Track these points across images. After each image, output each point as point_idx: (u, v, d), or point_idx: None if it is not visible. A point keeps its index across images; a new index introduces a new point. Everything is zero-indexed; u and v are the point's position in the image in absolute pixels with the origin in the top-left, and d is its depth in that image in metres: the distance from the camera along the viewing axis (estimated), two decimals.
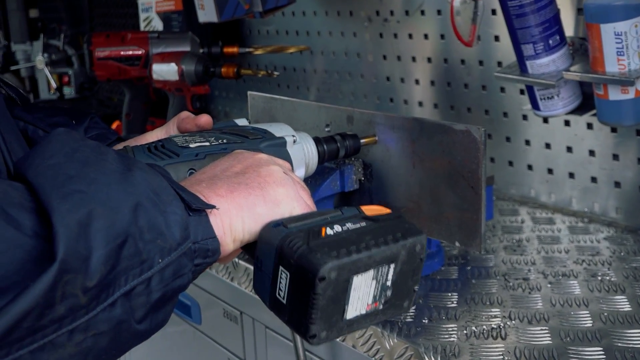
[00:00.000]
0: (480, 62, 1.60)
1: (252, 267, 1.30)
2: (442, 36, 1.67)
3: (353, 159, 1.15)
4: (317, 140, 1.02)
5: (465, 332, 1.02)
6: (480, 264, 1.26)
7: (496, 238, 1.37)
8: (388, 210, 0.73)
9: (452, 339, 1.00)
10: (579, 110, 1.36)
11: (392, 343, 1.02)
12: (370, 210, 0.73)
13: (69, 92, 3.12)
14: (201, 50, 1.78)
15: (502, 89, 1.57)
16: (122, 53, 1.76)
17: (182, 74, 1.66)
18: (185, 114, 0.97)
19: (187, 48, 1.76)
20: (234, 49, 1.79)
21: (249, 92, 1.37)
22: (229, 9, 1.84)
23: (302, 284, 0.64)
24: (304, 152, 0.97)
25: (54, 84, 3.07)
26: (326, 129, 1.21)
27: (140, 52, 1.76)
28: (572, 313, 1.06)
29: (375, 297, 0.69)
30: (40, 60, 3.07)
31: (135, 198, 0.60)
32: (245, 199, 0.70)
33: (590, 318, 1.04)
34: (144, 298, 0.60)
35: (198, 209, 0.65)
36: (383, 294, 0.69)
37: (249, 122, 0.95)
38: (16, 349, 0.53)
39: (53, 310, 0.54)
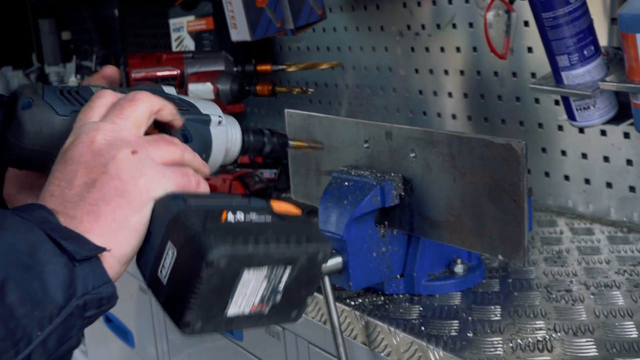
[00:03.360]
0: (514, 74, 1.60)
1: None
2: (475, 49, 1.68)
3: (393, 174, 1.16)
4: (245, 130, 0.94)
5: (511, 345, 1.02)
6: (521, 276, 1.26)
7: (536, 250, 1.37)
8: (299, 212, 0.70)
9: (498, 352, 1.00)
10: (615, 120, 1.36)
11: (438, 357, 1.02)
12: (280, 207, 0.69)
13: None
14: (235, 69, 1.80)
15: (537, 100, 1.58)
16: (158, 74, 1.78)
17: (217, 93, 1.68)
18: (106, 69, 0.91)
19: (222, 67, 1.77)
20: (267, 67, 1.81)
21: (286, 110, 1.38)
22: (262, 27, 1.85)
23: (188, 265, 0.59)
24: (228, 136, 0.90)
25: None
26: (365, 145, 1.22)
27: (175, 73, 1.78)
28: (616, 324, 1.06)
29: (263, 299, 0.64)
30: (73, 82, 3.12)
31: (1, 273, 0.55)
32: (113, 219, 0.63)
33: (635, 329, 1.04)
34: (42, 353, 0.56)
35: (85, 258, 0.59)
36: (272, 297, 0.64)
37: (177, 93, 0.86)
38: None
39: None
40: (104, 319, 2.44)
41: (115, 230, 0.63)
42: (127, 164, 0.64)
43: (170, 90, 0.85)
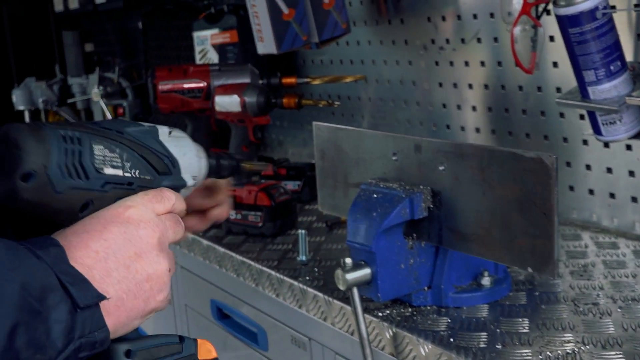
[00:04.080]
0: (539, 88, 1.62)
1: (321, 295, 1.33)
2: (499, 63, 1.69)
3: (422, 186, 1.18)
4: (210, 155, 0.93)
5: (540, 357, 1.03)
6: (548, 290, 1.27)
7: (561, 263, 1.38)
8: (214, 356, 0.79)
9: None
10: None
11: None
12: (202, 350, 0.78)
13: None
14: (260, 82, 1.82)
15: (562, 115, 1.59)
16: (184, 86, 1.81)
17: (244, 106, 1.70)
18: None
19: (248, 80, 1.80)
20: (293, 80, 1.83)
21: (314, 123, 1.40)
22: (288, 41, 1.88)
23: None
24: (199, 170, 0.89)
25: (109, 116, 3.14)
26: (393, 158, 1.24)
27: (202, 85, 1.81)
28: None
29: None
30: (96, 93, 3.15)
31: (13, 319, 0.59)
32: (132, 307, 0.70)
33: None
34: None
35: (87, 305, 0.64)
36: None
37: (169, 133, 0.83)
38: None
39: None
40: None
41: (130, 311, 0.70)
42: (162, 281, 0.73)
43: (164, 131, 0.83)
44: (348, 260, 1.17)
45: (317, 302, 1.35)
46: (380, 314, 1.21)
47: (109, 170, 0.75)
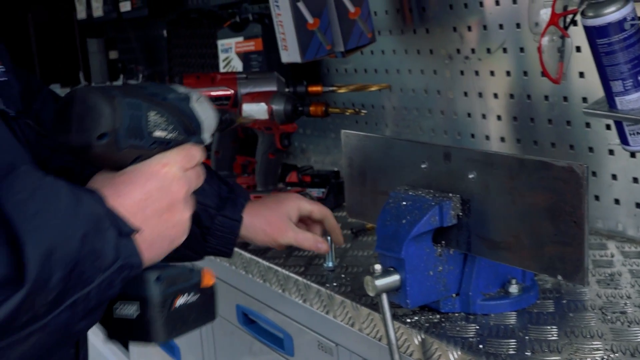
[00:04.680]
0: (565, 98, 1.63)
1: (349, 301, 1.34)
2: (525, 73, 1.70)
3: (451, 194, 1.19)
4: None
5: None
6: (575, 298, 1.27)
7: (588, 272, 1.39)
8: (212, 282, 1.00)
9: None
10: None
11: None
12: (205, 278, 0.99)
13: None
14: (287, 90, 1.85)
15: (587, 124, 1.59)
16: (212, 93, 1.83)
17: (271, 113, 1.72)
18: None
19: (274, 88, 1.82)
20: (319, 88, 1.85)
21: (342, 131, 1.42)
22: (312, 50, 1.89)
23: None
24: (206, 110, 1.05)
25: None
26: (422, 166, 1.25)
27: (229, 93, 1.83)
28: None
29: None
30: None
31: (83, 230, 0.77)
32: (158, 231, 0.88)
33: None
34: (84, 306, 0.78)
35: (127, 233, 0.82)
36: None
37: (197, 100, 0.99)
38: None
39: (19, 319, 0.72)
40: None
41: (156, 237, 0.89)
42: (185, 218, 0.92)
43: (193, 99, 0.99)
44: (377, 267, 1.19)
45: (344, 308, 1.36)
46: (408, 320, 1.22)
47: (157, 133, 0.92)
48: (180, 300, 0.96)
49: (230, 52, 2.52)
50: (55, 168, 1.10)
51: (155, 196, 0.87)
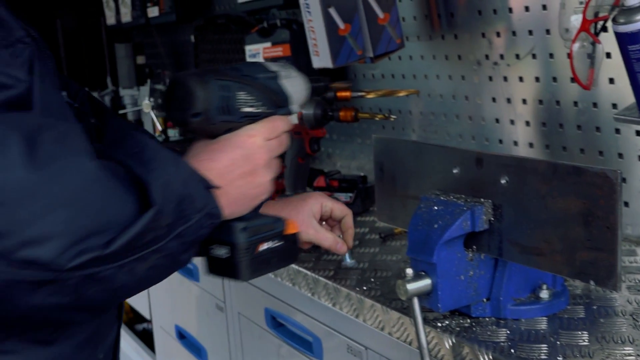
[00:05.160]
0: (594, 104, 1.63)
1: (379, 305, 1.35)
2: (555, 79, 1.70)
3: (483, 199, 1.20)
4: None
5: None
6: (605, 304, 1.28)
7: (620, 277, 1.39)
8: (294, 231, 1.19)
9: None
10: None
11: None
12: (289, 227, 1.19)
13: (173, 134, 3.25)
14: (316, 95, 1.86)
15: (617, 131, 1.60)
16: None
17: (301, 118, 1.74)
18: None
19: None
20: (347, 93, 1.86)
21: (373, 135, 1.43)
22: (343, 55, 1.91)
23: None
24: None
25: (159, 127, 3.20)
26: (454, 171, 1.26)
27: None
28: None
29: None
30: (146, 104, 3.22)
31: (183, 176, 0.97)
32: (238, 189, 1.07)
33: None
34: (185, 239, 0.97)
35: (211, 187, 1.00)
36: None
37: (286, 76, 1.17)
38: (127, 257, 0.90)
39: (146, 237, 0.91)
40: (177, 335, 2.50)
41: (236, 197, 1.08)
42: (267, 184, 1.12)
43: (282, 76, 1.16)
44: (409, 271, 1.20)
45: (374, 312, 1.37)
46: (439, 325, 1.23)
47: (246, 109, 1.11)
48: (264, 246, 1.16)
49: (258, 57, 2.53)
50: None
51: (239, 162, 1.07)
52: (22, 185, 0.82)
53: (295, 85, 1.18)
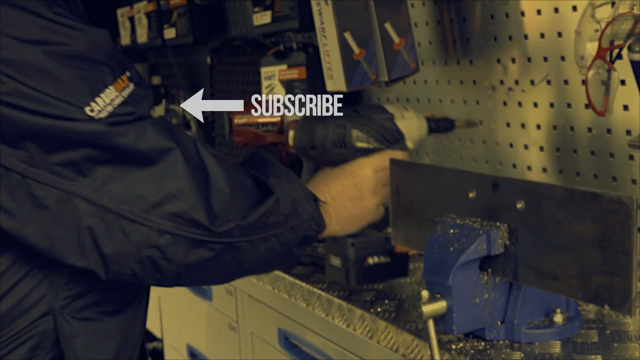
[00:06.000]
0: (609, 131, 1.64)
1: (393, 327, 1.36)
2: (569, 105, 1.72)
3: (498, 223, 1.21)
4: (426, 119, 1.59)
5: None
6: (619, 328, 1.29)
7: (635, 302, 1.40)
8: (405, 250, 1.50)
9: None
10: None
11: None
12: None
13: None
14: None
15: (631, 157, 1.61)
16: (259, 120, 1.88)
17: None
18: None
19: None
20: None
21: (390, 159, 1.44)
22: (357, 79, 1.93)
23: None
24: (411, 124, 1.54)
25: None
26: (470, 195, 1.27)
27: (276, 120, 1.87)
28: None
29: None
30: None
31: (297, 186, 1.25)
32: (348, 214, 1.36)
33: None
34: (297, 234, 1.23)
35: (318, 201, 1.28)
36: None
37: (402, 116, 1.51)
38: (255, 234, 1.18)
39: (269, 219, 1.20)
40: (188, 354, 2.51)
41: (345, 218, 1.38)
42: (372, 208, 1.42)
43: (398, 117, 1.51)
44: (424, 293, 1.21)
45: (388, 333, 1.38)
46: (454, 347, 1.24)
47: (359, 144, 1.43)
48: (372, 260, 1.45)
49: (274, 79, 2.56)
50: None
51: (349, 188, 1.34)
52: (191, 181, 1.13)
53: (409, 125, 1.47)
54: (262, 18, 2.58)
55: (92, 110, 1.06)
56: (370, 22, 1.93)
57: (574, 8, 1.65)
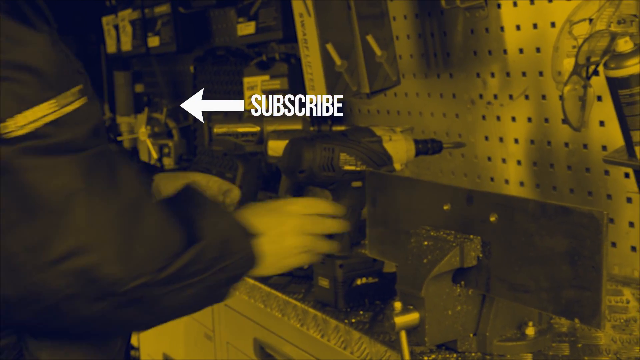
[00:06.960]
0: (585, 146, 1.66)
1: (367, 338, 1.36)
2: (546, 119, 1.74)
3: (472, 236, 1.22)
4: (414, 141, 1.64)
5: None
6: (590, 342, 1.29)
7: (605, 316, 1.40)
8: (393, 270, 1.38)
9: None
10: None
11: None
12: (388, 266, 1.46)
13: (168, 162, 3.27)
14: (311, 128, 1.89)
15: (606, 172, 1.62)
16: (239, 130, 1.88)
17: None
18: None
19: (299, 126, 1.87)
20: (342, 128, 1.89)
21: (366, 171, 1.45)
22: (338, 90, 1.94)
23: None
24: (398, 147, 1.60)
25: (155, 155, 3.23)
26: (444, 207, 1.28)
27: (255, 130, 1.88)
28: None
29: None
30: (143, 132, 3.25)
31: (231, 222, 1.16)
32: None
33: None
34: (228, 273, 1.11)
35: (253, 236, 1.16)
36: None
37: (389, 139, 1.55)
38: (175, 283, 1.04)
39: (191, 268, 1.05)
40: None
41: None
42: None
43: (385, 140, 1.55)
44: (397, 305, 1.21)
45: (362, 344, 1.38)
46: (426, 358, 1.25)
47: (347, 167, 1.46)
48: (360, 281, 1.43)
49: (256, 89, 2.57)
50: None
51: (275, 225, 1.24)
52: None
53: (396, 148, 1.51)
54: (246, 28, 2.59)
55: (5, 127, 0.93)
56: (353, 34, 1.95)
57: (553, 24, 1.66)
